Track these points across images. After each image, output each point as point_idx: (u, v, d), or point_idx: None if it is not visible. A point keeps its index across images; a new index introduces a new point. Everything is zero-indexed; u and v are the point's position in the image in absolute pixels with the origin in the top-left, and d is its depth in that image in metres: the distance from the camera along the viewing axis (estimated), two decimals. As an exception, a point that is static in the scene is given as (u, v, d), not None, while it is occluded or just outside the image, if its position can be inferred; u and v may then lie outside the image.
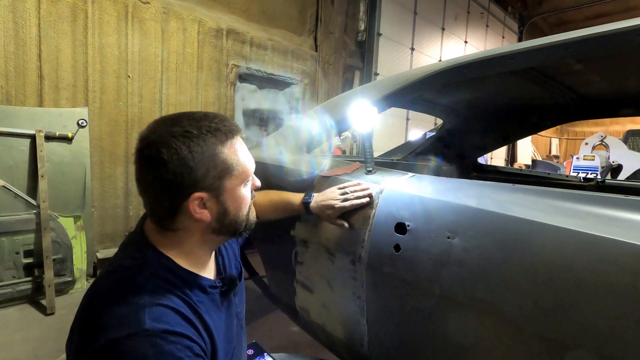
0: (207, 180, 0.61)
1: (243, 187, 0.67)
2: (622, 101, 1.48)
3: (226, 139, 0.63)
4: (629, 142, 6.69)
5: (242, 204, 0.67)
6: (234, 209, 0.66)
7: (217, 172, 0.62)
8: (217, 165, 0.61)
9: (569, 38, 0.78)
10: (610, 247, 0.56)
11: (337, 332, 1.03)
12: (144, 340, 0.50)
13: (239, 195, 0.66)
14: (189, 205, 0.61)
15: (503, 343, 0.67)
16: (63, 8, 2.51)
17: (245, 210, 0.69)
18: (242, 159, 0.66)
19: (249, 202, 0.69)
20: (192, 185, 0.60)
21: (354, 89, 1.43)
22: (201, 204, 0.62)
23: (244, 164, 0.66)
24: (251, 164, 0.68)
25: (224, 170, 0.62)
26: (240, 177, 0.65)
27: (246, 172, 0.66)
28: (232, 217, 0.66)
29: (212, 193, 0.62)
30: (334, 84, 4.70)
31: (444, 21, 6.46)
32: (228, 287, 0.72)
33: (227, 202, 0.64)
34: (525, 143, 9.89)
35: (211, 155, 0.60)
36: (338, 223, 0.94)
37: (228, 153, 0.63)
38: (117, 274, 0.60)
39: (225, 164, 0.62)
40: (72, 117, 2.50)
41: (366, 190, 0.93)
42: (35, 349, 1.80)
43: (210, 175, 0.61)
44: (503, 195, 0.75)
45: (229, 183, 0.64)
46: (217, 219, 0.65)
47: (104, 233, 2.89)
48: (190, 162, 0.58)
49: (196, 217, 0.62)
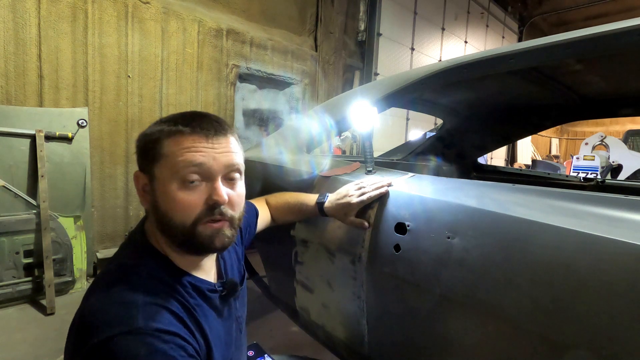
0: (144, 160, 0.63)
1: (177, 185, 0.59)
2: (622, 101, 1.48)
3: (176, 130, 0.61)
4: (629, 142, 6.70)
5: (173, 203, 0.60)
6: (162, 204, 0.61)
7: (151, 155, 0.62)
8: (153, 148, 0.62)
9: (569, 38, 0.78)
10: (610, 247, 0.56)
11: (337, 332, 1.03)
12: (137, 338, 0.50)
13: (169, 191, 0.59)
14: (134, 181, 0.66)
15: (503, 343, 0.67)
16: (63, 8, 2.51)
17: (181, 215, 0.60)
18: (179, 152, 0.59)
19: (186, 207, 0.60)
20: (138, 163, 0.65)
21: (354, 89, 1.43)
22: (143, 187, 0.64)
23: (178, 157, 0.59)
24: (191, 162, 0.59)
25: (156, 155, 0.61)
26: (169, 169, 0.59)
27: (176, 167, 0.59)
28: (163, 214, 0.60)
29: (147, 177, 0.63)
30: (334, 84, 4.70)
31: (444, 21, 6.45)
32: (228, 291, 0.71)
33: (157, 193, 0.61)
34: (525, 143, 9.89)
35: (153, 138, 0.62)
36: (356, 222, 0.90)
37: (169, 142, 0.61)
38: (114, 273, 0.60)
39: (159, 149, 0.61)
40: (72, 117, 2.50)
41: (383, 181, 0.92)
42: (35, 349, 1.80)
43: (147, 157, 0.63)
44: (503, 195, 0.75)
45: (157, 171, 0.61)
46: (153, 210, 0.63)
47: (104, 233, 2.89)
48: (142, 141, 0.64)
49: (139, 194, 0.65)
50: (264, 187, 1.28)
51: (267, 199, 1.09)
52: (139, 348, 0.50)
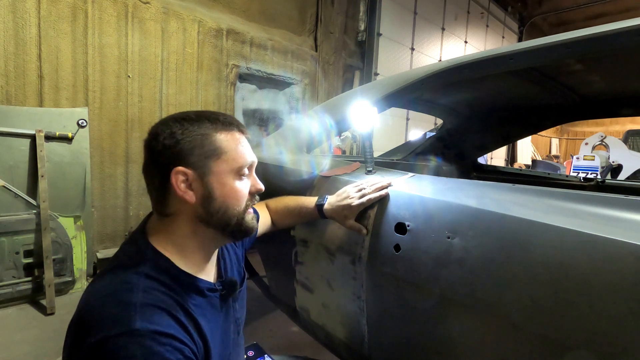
0: (192, 156, 0.62)
1: (234, 177, 0.65)
2: (622, 101, 1.48)
3: (223, 128, 0.65)
4: (629, 142, 6.69)
5: (231, 193, 0.65)
6: (220, 196, 0.64)
7: (204, 150, 0.62)
8: (204, 144, 0.62)
9: (569, 38, 0.78)
10: (610, 247, 0.56)
11: (337, 332, 1.03)
12: (134, 340, 0.50)
13: (228, 183, 0.64)
14: (173, 179, 0.61)
15: (503, 343, 0.67)
16: (63, 8, 2.51)
17: (236, 205, 0.66)
18: (236, 147, 0.65)
19: (241, 196, 0.66)
20: (176, 158, 0.61)
21: (354, 89, 1.43)
22: (187, 183, 0.62)
23: (236, 153, 0.65)
24: (247, 157, 0.67)
25: (212, 150, 0.63)
26: (229, 163, 0.64)
27: (237, 161, 0.65)
28: (219, 206, 0.64)
29: (197, 172, 0.62)
30: (334, 84, 4.70)
31: (444, 21, 6.46)
32: (227, 291, 0.71)
33: (213, 186, 0.63)
34: (525, 143, 9.89)
35: (202, 134, 0.63)
36: (355, 227, 0.90)
37: (220, 137, 0.64)
38: (113, 272, 0.60)
39: (214, 144, 0.63)
40: (72, 117, 2.50)
41: (383, 182, 0.92)
42: (35, 349, 1.80)
43: (196, 153, 0.62)
44: (503, 195, 0.75)
45: (215, 165, 0.63)
46: (203, 204, 0.63)
47: (104, 233, 2.89)
48: (178, 136, 0.62)
49: (179, 193, 0.61)
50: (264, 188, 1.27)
51: (267, 203, 1.08)
52: (135, 350, 0.50)
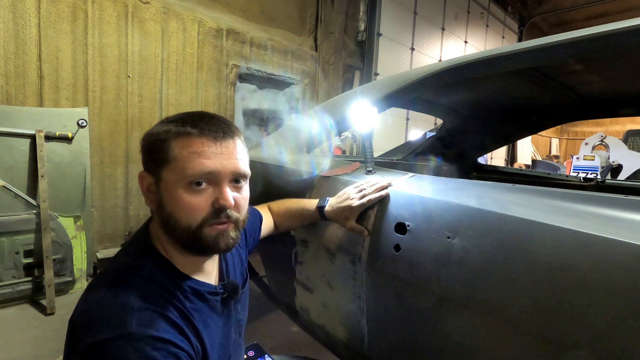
0: (150, 161, 0.63)
1: (184, 189, 0.59)
2: (622, 101, 1.48)
3: (183, 133, 0.61)
4: (629, 142, 6.68)
5: (179, 206, 0.59)
6: (169, 205, 0.60)
7: (158, 156, 0.61)
8: (159, 149, 0.61)
9: (569, 38, 0.78)
10: (610, 247, 0.56)
11: (337, 332, 1.03)
12: (129, 344, 0.50)
13: (176, 195, 0.59)
14: (139, 181, 0.64)
15: (503, 343, 0.67)
16: (63, 8, 2.51)
17: (187, 218, 0.60)
18: (188, 156, 0.59)
19: (192, 209, 0.60)
20: (144, 163, 0.64)
21: (354, 89, 1.43)
22: (148, 188, 0.64)
23: (187, 162, 0.59)
24: (200, 167, 0.59)
25: (163, 157, 0.61)
26: (176, 173, 0.59)
27: (184, 172, 0.59)
28: (169, 216, 0.60)
29: (153, 178, 0.63)
30: (334, 84, 4.70)
31: (444, 21, 6.45)
32: (229, 294, 0.71)
33: (163, 195, 0.61)
34: (525, 143, 9.88)
35: (160, 139, 0.62)
36: (357, 229, 0.90)
37: (174, 144, 0.60)
38: (113, 274, 0.59)
39: (164, 150, 0.61)
40: (72, 117, 2.50)
41: (383, 182, 0.92)
42: (35, 349, 1.80)
43: (154, 158, 0.62)
44: (503, 195, 0.75)
45: (164, 173, 0.61)
46: (158, 212, 0.63)
47: (104, 233, 2.89)
48: (148, 138, 0.63)
49: (144, 194, 0.65)
50: (264, 187, 1.28)
51: (269, 205, 1.08)
52: (130, 353, 0.50)
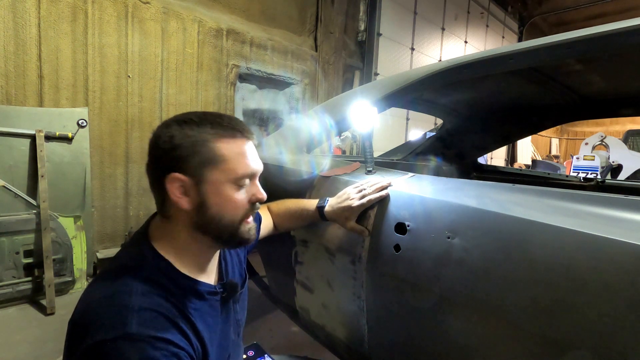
0: (188, 163, 0.61)
1: (231, 187, 0.63)
2: (622, 101, 1.48)
3: (225, 134, 0.63)
4: (629, 142, 6.69)
5: (226, 203, 0.63)
6: (215, 205, 0.62)
7: (201, 158, 0.61)
8: (202, 152, 0.61)
9: (569, 38, 0.78)
10: (610, 247, 0.56)
11: (337, 332, 1.03)
12: (130, 344, 0.50)
13: (224, 193, 0.63)
14: (167, 185, 0.61)
15: (503, 343, 0.67)
16: (63, 8, 2.51)
17: (232, 214, 0.64)
18: (236, 157, 0.63)
19: (238, 206, 0.65)
20: (173, 164, 0.61)
21: (354, 89, 1.43)
22: (182, 190, 0.61)
23: (236, 162, 0.63)
24: (249, 167, 0.65)
25: (209, 159, 0.61)
26: (226, 173, 0.62)
27: (235, 171, 0.63)
28: (213, 215, 0.63)
29: (193, 179, 0.61)
30: (334, 84, 4.70)
31: (444, 21, 6.45)
32: (228, 293, 0.71)
33: (208, 195, 0.62)
34: (525, 143, 9.88)
35: (201, 141, 0.61)
36: (357, 229, 0.90)
37: (220, 145, 0.62)
38: (113, 273, 0.59)
39: (211, 152, 0.61)
40: (72, 117, 2.50)
41: (383, 182, 0.92)
42: (35, 349, 1.80)
43: (194, 160, 0.61)
44: (503, 195, 0.75)
45: (211, 174, 0.61)
46: (197, 212, 0.62)
47: (104, 233, 2.89)
48: (177, 141, 0.61)
49: (174, 199, 0.61)
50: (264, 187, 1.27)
51: (268, 206, 1.08)
52: (131, 354, 0.50)
